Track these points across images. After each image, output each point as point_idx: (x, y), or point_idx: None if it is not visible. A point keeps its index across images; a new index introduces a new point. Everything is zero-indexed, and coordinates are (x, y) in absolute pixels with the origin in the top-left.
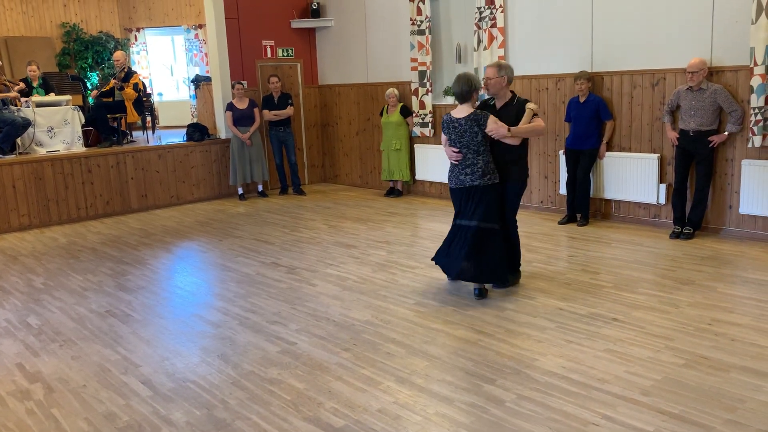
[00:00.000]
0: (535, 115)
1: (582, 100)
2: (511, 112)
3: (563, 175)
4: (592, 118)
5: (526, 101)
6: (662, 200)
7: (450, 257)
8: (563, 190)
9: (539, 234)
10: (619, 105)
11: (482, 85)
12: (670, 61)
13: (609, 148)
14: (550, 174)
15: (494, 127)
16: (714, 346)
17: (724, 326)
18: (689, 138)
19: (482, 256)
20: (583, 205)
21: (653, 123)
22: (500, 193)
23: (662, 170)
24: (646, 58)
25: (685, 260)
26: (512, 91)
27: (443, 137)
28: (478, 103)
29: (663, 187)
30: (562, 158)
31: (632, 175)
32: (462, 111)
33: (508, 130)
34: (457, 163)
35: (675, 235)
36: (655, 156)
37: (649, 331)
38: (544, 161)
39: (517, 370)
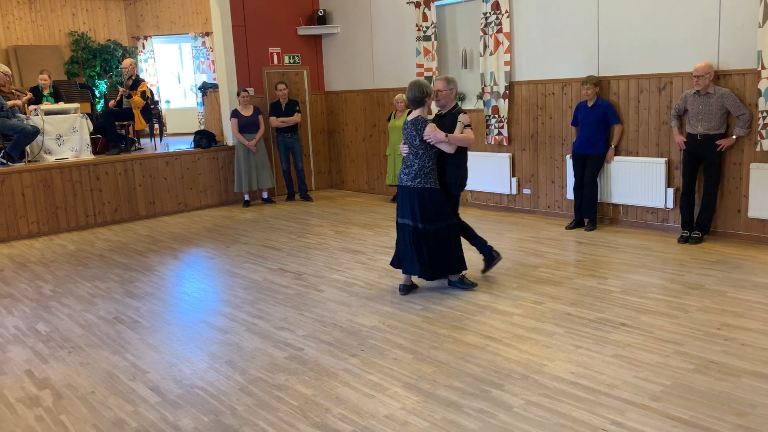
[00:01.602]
0: (466, 126)
1: (590, 104)
2: (447, 121)
3: (570, 180)
4: (599, 122)
5: (462, 112)
6: (670, 204)
7: (404, 257)
8: (570, 194)
9: (546, 239)
10: (626, 109)
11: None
12: (677, 65)
13: (616, 153)
14: (557, 179)
15: (430, 132)
16: (724, 351)
17: (734, 331)
18: (697, 142)
19: (421, 254)
20: (590, 210)
21: (660, 127)
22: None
23: (670, 174)
24: (653, 62)
25: (694, 264)
26: (457, 103)
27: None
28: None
29: (671, 191)
30: (569, 163)
31: (640, 180)
32: (413, 115)
33: (446, 136)
34: (403, 160)
35: (683, 240)
36: (663, 160)
37: (658, 336)
38: (551, 166)
39: (525, 376)
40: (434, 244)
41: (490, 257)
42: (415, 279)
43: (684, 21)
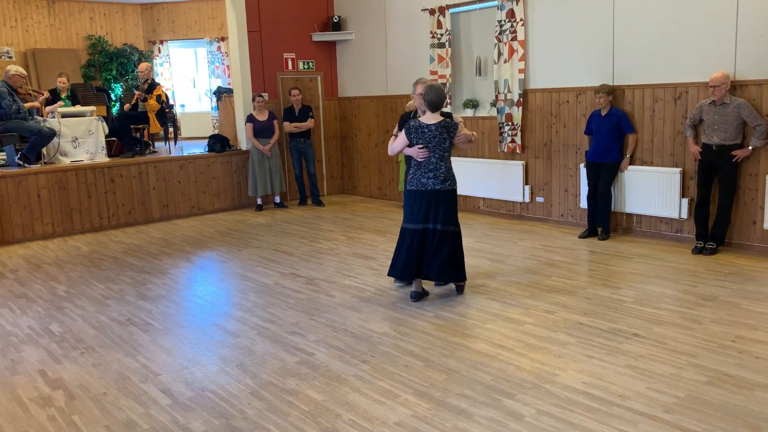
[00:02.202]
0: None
1: (604, 113)
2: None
3: (584, 189)
4: (613, 131)
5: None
6: (684, 215)
7: (423, 262)
8: (584, 203)
9: (559, 248)
10: (640, 118)
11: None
12: (693, 74)
13: (631, 162)
14: (570, 187)
15: (465, 132)
16: (738, 364)
17: (749, 343)
18: (712, 152)
19: (448, 257)
20: (603, 219)
21: (675, 137)
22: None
23: (684, 184)
24: (668, 72)
25: (708, 276)
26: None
27: (401, 140)
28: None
29: (685, 201)
30: (583, 171)
31: (654, 189)
32: (432, 118)
33: (473, 135)
34: (419, 165)
35: (698, 251)
36: (678, 170)
37: (671, 348)
38: (565, 174)
39: (537, 385)
40: (455, 245)
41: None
42: (425, 285)
43: (700, 30)
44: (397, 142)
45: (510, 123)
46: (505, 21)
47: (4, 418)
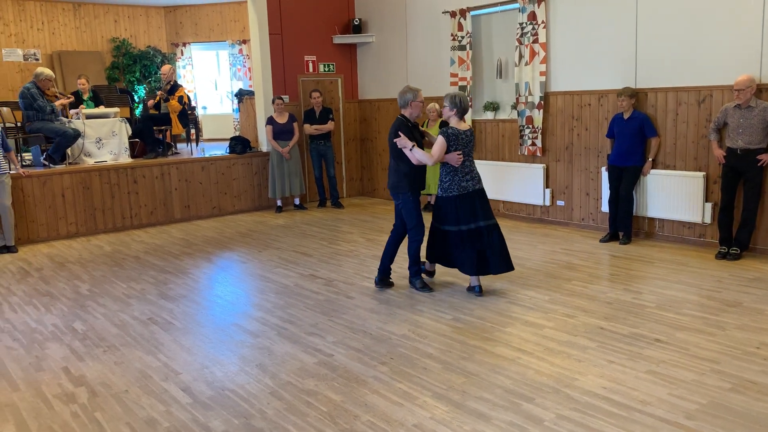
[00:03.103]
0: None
1: (626, 116)
2: (417, 132)
3: (605, 192)
4: (635, 134)
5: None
6: (708, 219)
7: (486, 257)
8: (605, 207)
9: (580, 252)
10: (663, 122)
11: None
12: (717, 77)
13: (653, 166)
14: (591, 191)
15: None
16: (762, 371)
17: None
18: (737, 156)
19: (505, 245)
20: (625, 223)
21: (699, 140)
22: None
23: (708, 189)
24: (692, 75)
25: (732, 281)
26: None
27: (442, 147)
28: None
29: (709, 206)
30: (605, 175)
31: (677, 194)
32: (462, 125)
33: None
34: (455, 172)
35: (721, 256)
36: (701, 174)
37: (693, 354)
38: (586, 178)
39: (557, 390)
40: (502, 235)
41: (383, 277)
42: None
43: (725, 33)
44: (440, 150)
45: (531, 126)
46: (526, 23)
47: (28, 413)
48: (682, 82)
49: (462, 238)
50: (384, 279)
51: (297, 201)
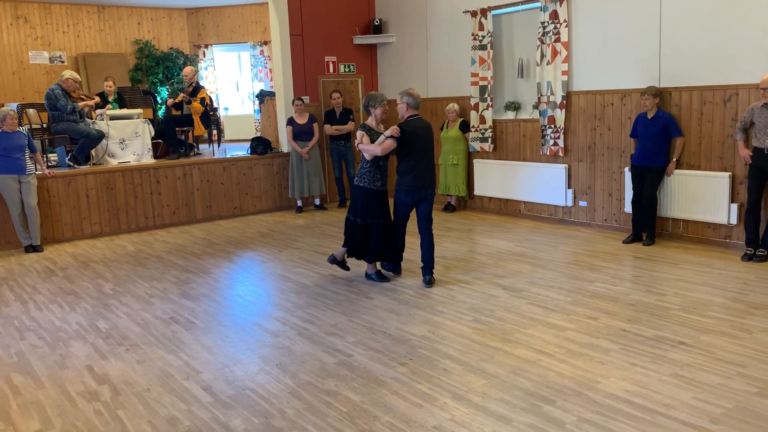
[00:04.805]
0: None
1: (650, 116)
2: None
3: (628, 193)
4: (659, 134)
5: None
6: (734, 220)
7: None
8: (628, 207)
9: (603, 253)
10: (688, 121)
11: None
12: (744, 76)
13: (678, 166)
14: (614, 191)
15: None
16: None
17: None
18: (764, 156)
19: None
20: (649, 224)
21: (725, 140)
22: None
23: (734, 189)
24: (718, 73)
25: (758, 284)
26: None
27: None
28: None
29: (734, 206)
30: (628, 175)
31: (702, 194)
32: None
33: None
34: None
35: (747, 257)
36: (727, 174)
37: (719, 357)
38: (609, 178)
39: (579, 392)
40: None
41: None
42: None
43: (751, 30)
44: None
45: (552, 125)
46: (548, 22)
47: (53, 410)
48: (707, 80)
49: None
50: (396, 269)
51: (317, 201)
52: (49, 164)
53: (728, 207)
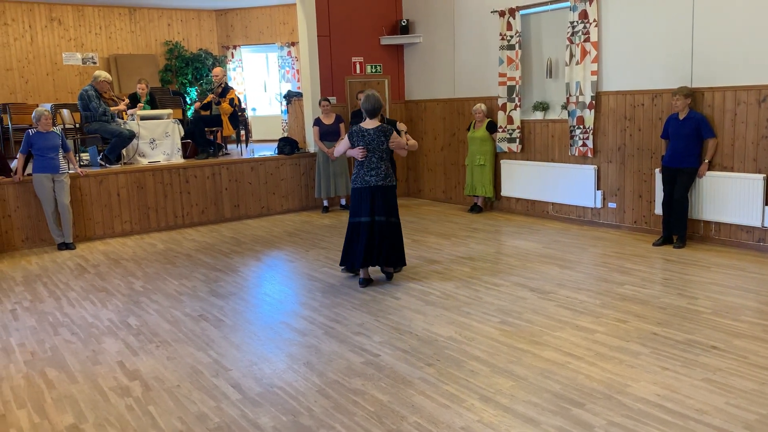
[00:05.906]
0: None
1: (682, 116)
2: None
3: (659, 195)
4: (691, 135)
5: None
6: None
7: (367, 252)
8: (658, 209)
9: (633, 255)
10: (720, 122)
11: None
12: None
13: (710, 167)
14: (644, 193)
15: (398, 140)
16: None
17: None
18: None
19: (387, 245)
20: (680, 226)
21: (759, 141)
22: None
23: None
24: (752, 73)
25: None
26: (382, 115)
27: (345, 143)
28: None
29: None
30: (658, 177)
31: (734, 196)
32: (371, 124)
33: (407, 143)
34: (361, 165)
35: None
36: (761, 176)
37: (752, 362)
38: (639, 179)
39: (608, 396)
40: (397, 234)
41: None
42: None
43: None
44: (342, 145)
45: (581, 126)
46: (577, 22)
47: (86, 405)
48: (740, 80)
49: (355, 229)
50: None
51: (343, 201)
52: (82, 163)
53: (762, 209)
